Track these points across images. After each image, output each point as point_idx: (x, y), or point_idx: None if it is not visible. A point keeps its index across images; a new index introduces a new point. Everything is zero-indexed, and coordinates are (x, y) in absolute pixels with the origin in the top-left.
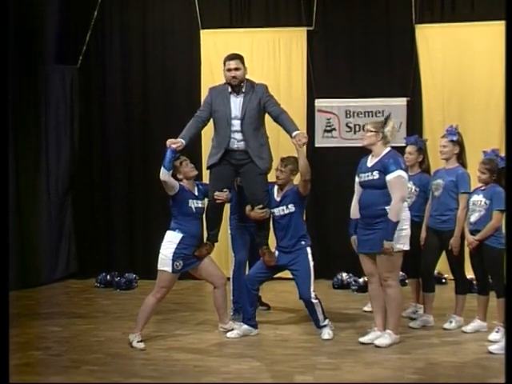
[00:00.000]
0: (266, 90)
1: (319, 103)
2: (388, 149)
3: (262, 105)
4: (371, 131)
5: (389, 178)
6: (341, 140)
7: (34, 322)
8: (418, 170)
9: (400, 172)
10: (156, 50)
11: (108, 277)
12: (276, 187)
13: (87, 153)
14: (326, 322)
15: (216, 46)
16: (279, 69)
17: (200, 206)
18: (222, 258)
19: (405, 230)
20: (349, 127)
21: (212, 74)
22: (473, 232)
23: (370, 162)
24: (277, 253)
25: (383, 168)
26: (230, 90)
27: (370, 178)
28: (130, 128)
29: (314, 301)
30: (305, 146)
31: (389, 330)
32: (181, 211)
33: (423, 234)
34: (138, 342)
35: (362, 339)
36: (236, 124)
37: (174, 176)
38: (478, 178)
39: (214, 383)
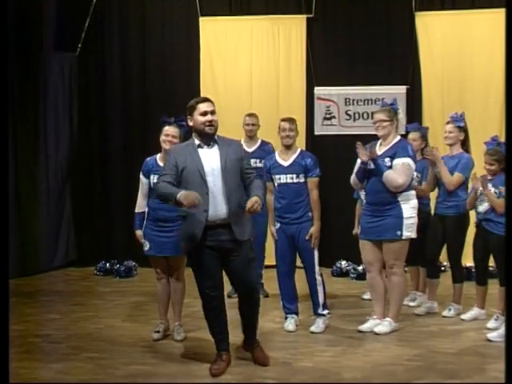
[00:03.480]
0: (242, 148)
1: (319, 91)
2: (399, 137)
3: (240, 159)
4: (386, 120)
5: (396, 162)
6: (340, 128)
7: (33, 309)
8: (421, 157)
9: (409, 160)
10: (155, 38)
11: (107, 265)
12: (278, 151)
13: (86, 140)
14: (325, 312)
15: (215, 34)
16: (279, 56)
17: None
18: None
19: (412, 217)
20: (348, 115)
21: (211, 62)
22: (481, 222)
23: (379, 149)
24: (278, 225)
25: (394, 154)
26: (197, 142)
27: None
28: (128, 116)
29: (318, 277)
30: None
31: (389, 318)
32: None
33: None
34: (155, 332)
35: (361, 327)
36: (211, 182)
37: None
38: (488, 170)
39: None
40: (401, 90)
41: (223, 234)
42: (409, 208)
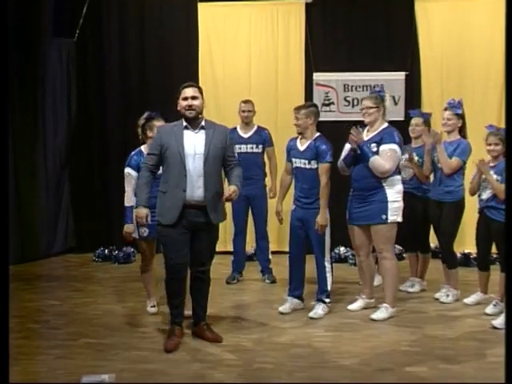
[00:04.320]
0: (228, 133)
1: (317, 77)
2: (386, 124)
3: (225, 147)
4: (372, 107)
5: (383, 148)
6: (339, 114)
7: (32, 295)
8: (422, 143)
9: (395, 146)
10: (153, 23)
11: (106, 251)
12: (299, 137)
13: (84, 127)
14: (327, 300)
15: (214, 19)
16: (277, 42)
17: None
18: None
19: (397, 201)
20: (347, 101)
21: (209, 48)
22: (483, 209)
23: (366, 135)
24: (293, 206)
25: (380, 140)
26: (184, 124)
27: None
28: (127, 101)
29: (327, 265)
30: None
31: (385, 304)
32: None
33: None
34: (151, 307)
35: (351, 307)
36: (190, 164)
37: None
38: (492, 151)
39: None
40: (400, 75)
41: (198, 215)
42: (393, 192)
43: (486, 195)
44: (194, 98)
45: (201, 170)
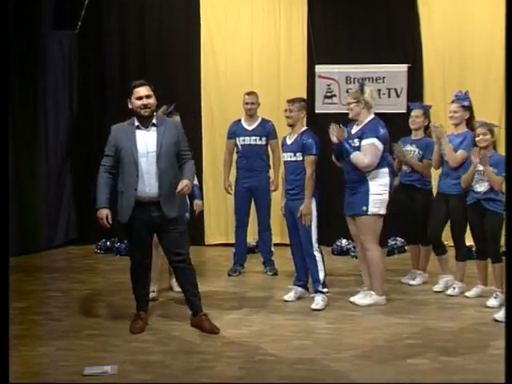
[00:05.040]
0: (181, 127)
1: (319, 69)
2: (371, 116)
3: (177, 142)
4: (352, 102)
5: (363, 142)
6: (341, 106)
7: (34, 287)
8: (423, 135)
9: (375, 140)
10: (154, 14)
11: (108, 243)
12: (289, 130)
13: (86, 118)
14: (325, 290)
15: (215, 10)
16: (279, 34)
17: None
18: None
19: (381, 194)
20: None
21: (211, 39)
22: (480, 201)
23: (354, 129)
24: (284, 200)
25: (362, 135)
26: (136, 123)
27: (353, 145)
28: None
29: (317, 254)
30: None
31: (372, 292)
32: None
33: None
34: (151, 292)
35: (352, 298)
36: (144, 163)
37: None
38: (482, 140)
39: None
40: (402, 68)
41: (154, 210)
42: (377, 185)
43: (482, 187)
44: (148, 96)
45: (154, 167)
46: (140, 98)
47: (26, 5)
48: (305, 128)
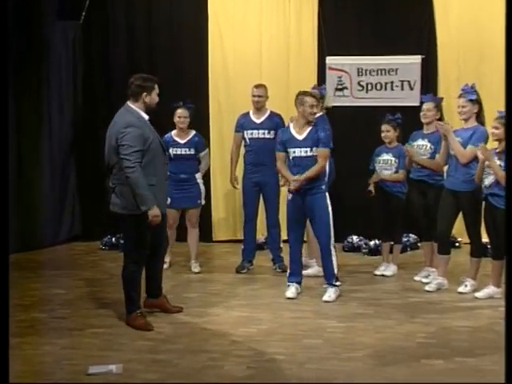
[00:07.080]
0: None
1: (330, 60)
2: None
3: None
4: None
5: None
6: (353, 99)
7: (37, 284)
8: (434, 129)
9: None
10: (162, 6)
11: (113, 239)
12: (292, 124)
13: (91, 111)
14: (338, 283)
15: (224, 4)
16: (289, 25)
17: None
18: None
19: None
20: (361, 86)
21: (220, 31)
22: (487, 196)
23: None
24: (290, 195)
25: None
26: (147, 117)
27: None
28: None
29: (332, 248)
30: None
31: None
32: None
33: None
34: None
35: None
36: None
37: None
38: (492, 133)
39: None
40: (416, 59)
41: None
42: None
43: (488, 181)
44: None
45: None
46: (159, 95)
47: None
48: (315, 120)
